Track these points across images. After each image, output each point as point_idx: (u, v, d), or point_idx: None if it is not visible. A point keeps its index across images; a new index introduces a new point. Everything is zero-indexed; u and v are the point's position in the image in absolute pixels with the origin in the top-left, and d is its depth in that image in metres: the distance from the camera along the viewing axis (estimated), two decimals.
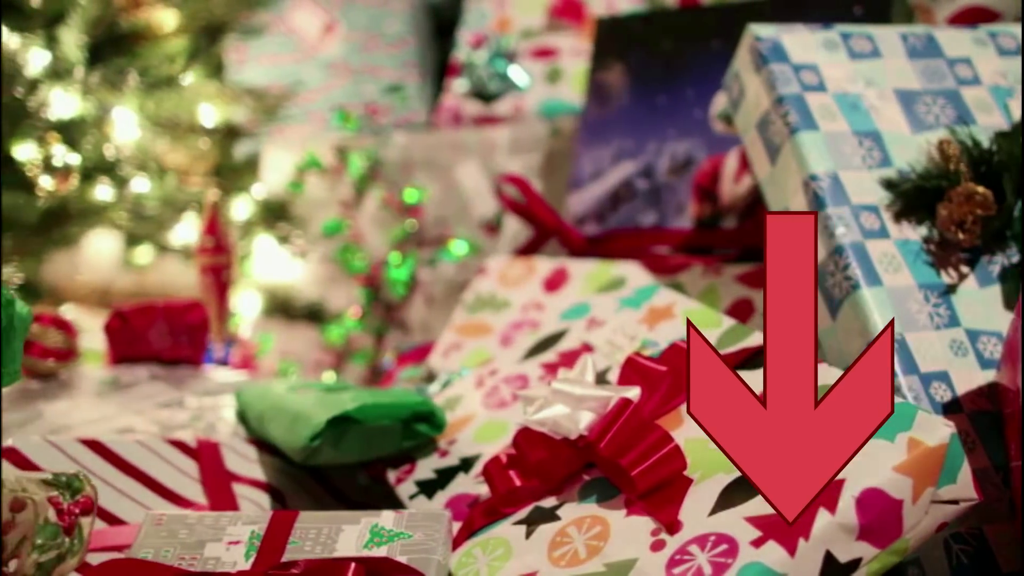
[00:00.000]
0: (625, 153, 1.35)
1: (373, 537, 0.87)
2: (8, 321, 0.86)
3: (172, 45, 1.58)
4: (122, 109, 1.52)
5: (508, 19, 1.70)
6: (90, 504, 0.76)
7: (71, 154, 1.43)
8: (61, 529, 0.75)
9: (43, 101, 1.46)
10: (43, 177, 1.41)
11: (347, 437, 1.01)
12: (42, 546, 0.74)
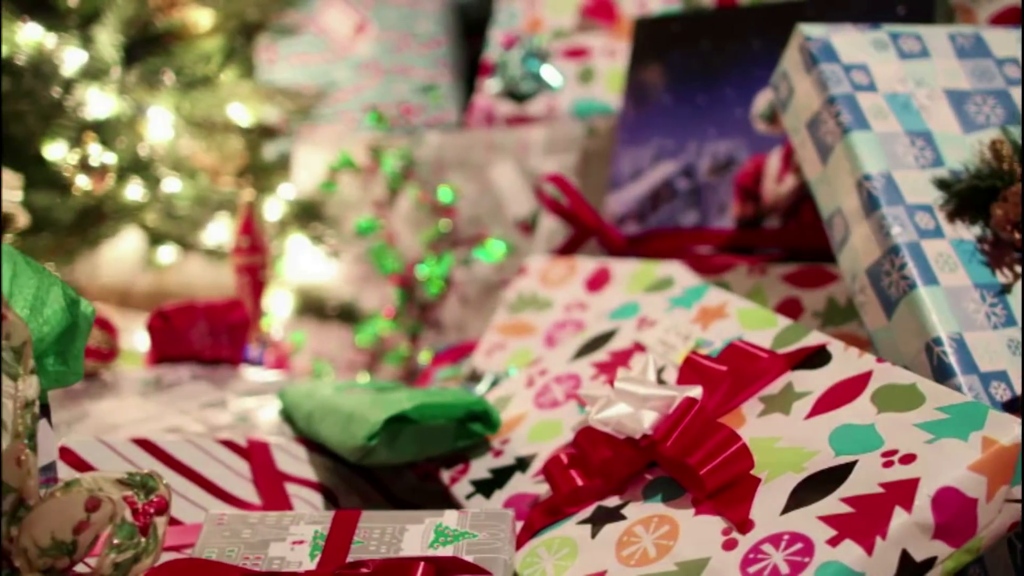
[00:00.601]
0: (665, 153, 1.35)
1: (438, 537, 0.87)
2: (73, 320, 0.86)
3: (207, 45, 1.57)
4: (158, 109, 1.52)
5: (539, 19, 1.70)
6: (164, 504, 0.76)
7: (107, 153, 1.42)
8: (137, 529, 0.75)
9: (79, 101, 1.45)
10: (80, 176, 1.41)
11: (402, 437, 1.01)
12: (119, 546, 0.74)
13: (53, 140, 1.47)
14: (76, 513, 0.75)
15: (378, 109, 1.83)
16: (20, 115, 1.48)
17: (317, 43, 1.91)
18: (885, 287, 0.98)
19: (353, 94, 1.89)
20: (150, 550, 0.75)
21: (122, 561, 0.74)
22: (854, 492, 0.77)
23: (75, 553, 0.76)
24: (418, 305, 1.64)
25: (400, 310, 1.65)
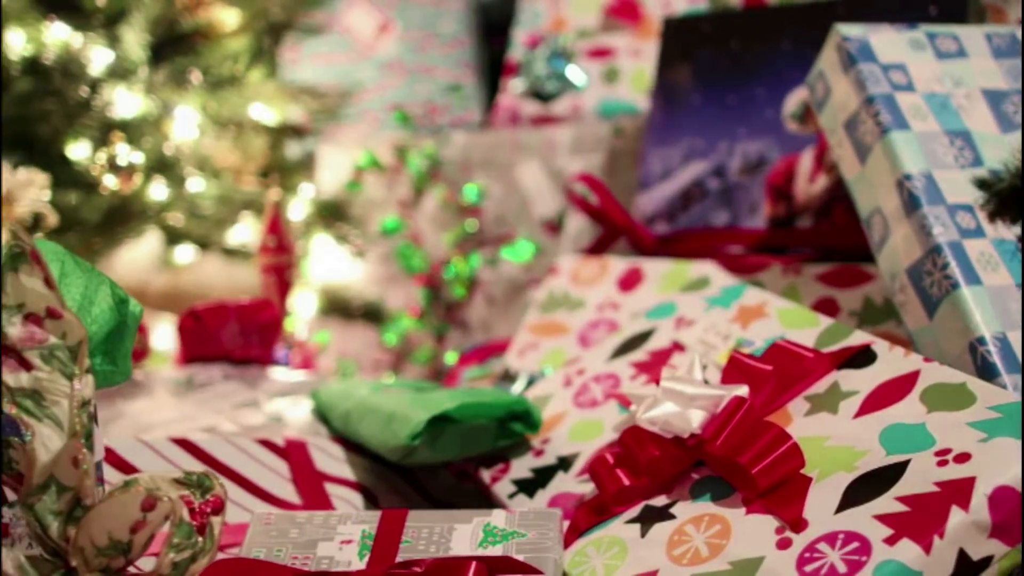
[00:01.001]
0: (695, 153, 1.35)
1: (487, 536, 0.87)
2: (121, 319, 0.86)
3: (233, 44, 1.57)
4: (185, 108, 1.52)
5: (563, 19, 1.70)
6: (220, 503, 0.76)
7: (134, 153, 1.42)
8: (194, 528, 0.75)
9: (107, 100, 1.45)
10: (107, 176, 1.41)
11: (444, 436, 1.01)
12: (178, 545, 0.74)
13: (79, 140, 1.47)
14: (133, 513, 0.75)
15: (403, 109, 1.83)
16: (46, 114, 1.47)
17: (340, 43, 1.91)
18: (927, 287, 0.98)
19: (376, 94, 1.89)
20: (207, 550, 0.75)
21: (180, 561, 0.74)
22: (909, 491, 0.77)
23: (130, 553, 0.76)
24: (444, 305, 1.64)
25: (426, 310, 1.65)
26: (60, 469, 0.75)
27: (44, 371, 0.75)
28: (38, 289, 0.75)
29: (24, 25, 1.39)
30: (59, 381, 0.76)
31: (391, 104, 1.88)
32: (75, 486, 0.76)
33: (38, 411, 0.75)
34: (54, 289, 0.75)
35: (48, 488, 0.76)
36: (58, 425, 0.76)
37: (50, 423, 0.75)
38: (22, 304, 0.76)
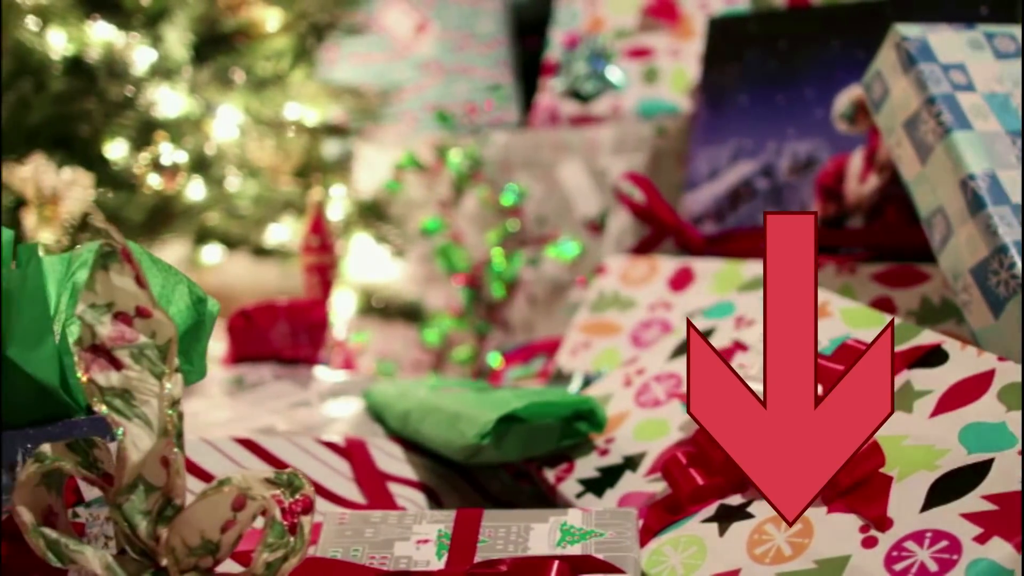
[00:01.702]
0: (743, 152, 1.35)
1: (565, 535, 0.86)
2: (199, 318, 0.86)
3: (276, 44, 1.57)
4: (228, 108, 1.52)
5: (601, 18, 1.70)
6: (309, 503, 0.76)
7: (178, 152, 1.42)
8: (286, 528, 0.74)
9: (150, 100, 1.45)
10: (151, 175, 1.40)
11: (510, 436, 1.01)
12: (271, 545, 0.73)
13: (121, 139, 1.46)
14: (224, 512, 0.74)
15: (444, 108, 1.82)
16: (86, 114, 1.47)
17: (378, 42, 1.90)
18: (992, 286, 0.98)
19: (413, 93, 1.88)
20: (298, 549, 0.74)
21: (273, 560, 0.73)
22: (996, 490, 0.77)
23: (219, 553, 0.76)
24: (485, 305, 1.64)
25: (467, 310, 1.65)
26: (149, 469, 0.75)
27: (134, 370, 0.75)
28: (128, 288, 0.75)
29: (66, 25, 1.39)
30: (148, 380, 0.75)
31: (429, 104, 1.88)
32: (164, 486, 0.75)
33: (127, 410, 0.75)
34: (145, 288, 0.75)
35: (136, 488, 0.76)
36: (148, 424, 0.75)
37: (139, 422, 0.75)
38: (112, 303, 0.75)
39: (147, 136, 1.46)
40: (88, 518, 0.87)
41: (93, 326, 0.75)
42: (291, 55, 1.59)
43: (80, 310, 0.75)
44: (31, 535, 0.75)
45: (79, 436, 0.86)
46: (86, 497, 0.88)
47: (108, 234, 0.74)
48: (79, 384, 0.88)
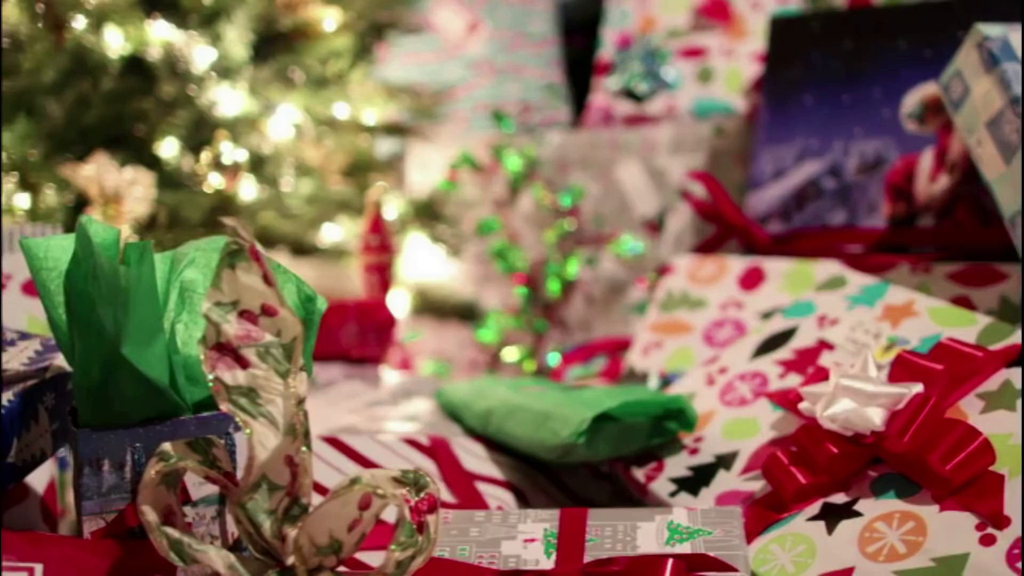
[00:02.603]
0: (809, 152, 1.35)
1: (673, 534, 0.86)
2: (308, 316, 0.86)
3: (335, 43, 1.56)
4: (287, 107, 1.51)
5: (652, 18, 1.70)
6: (434, 502, 0.76)
7: (238, 151, 1.41)
8: (415, 527, 0.74)
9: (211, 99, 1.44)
10: (212, 175, 1.40)
11: (601, 434, 1.00)
12: (403, 544, 0.73)
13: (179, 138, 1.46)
14: (351, 511, 0.74)
15: (500, 108, 1.82)
16: (144, 113, 1.46)
17: (429, 42, 1.90)
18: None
19: (464, 93, 1.88)
20: (425, 548, 0.74)
21: (404, 559, 0.73)
22: None
23: (341, 552, 0.76)
24: (541, 304, 1.64)
25: (523, 309, 1.65)
26: (273, 468, 0.75)
27: (260, 369, 0.75)
28: (255, 286, 0.75)
29: (124, 23, 1.38)
30: (274, 379, 0.75)
31: (480, 104, 1.87)
32: (287, 485, 0.75)
33: (253, 409, 0.75)
34: (272, 286, 0.75)
35: (260, 487, 0.75)
36: (273, 423, 0.75)
37: (265, 421, 0.75)
38: (237, 301, 0.75)
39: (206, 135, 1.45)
40: (195, 517, 0.87)
41: (219, 324, 0.74)
42: (350, 54, 1.58)
43: (206, 308, 0.74)
44: (155, 535, 0.75)
45: (186, 435, 0.86)
46: (193, 496, 0.88)
47: (236, 232, 0.74)
48: (186, 383, 0.88)
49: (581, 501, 1.11)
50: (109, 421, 0.83)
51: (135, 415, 0.84)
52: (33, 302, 1.15)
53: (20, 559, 0.77)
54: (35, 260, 0.87)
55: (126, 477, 0.84)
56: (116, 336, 0.80)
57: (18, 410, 0.90)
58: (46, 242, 0.87)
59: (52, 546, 0.79)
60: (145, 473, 0.75)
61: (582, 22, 1.88)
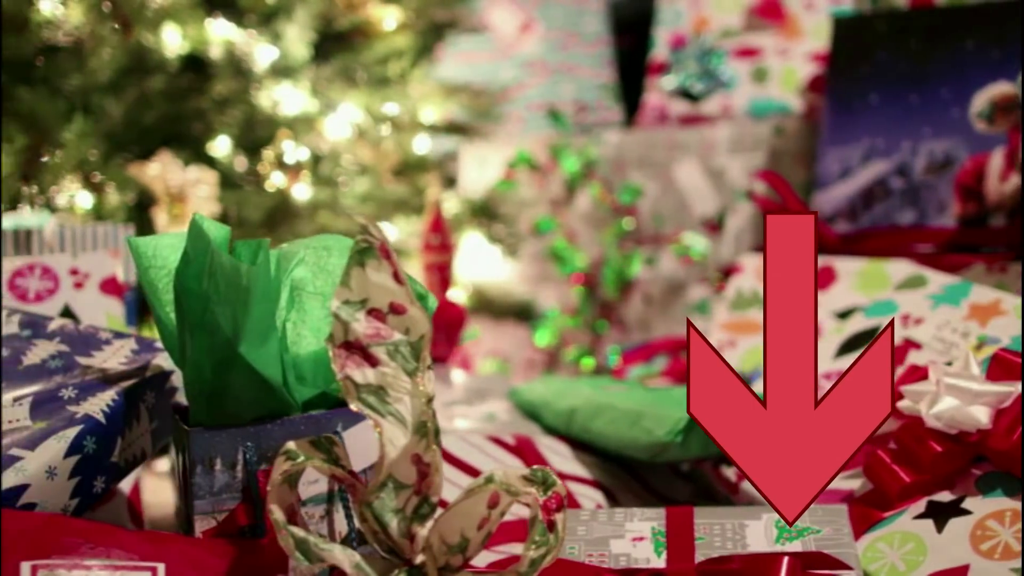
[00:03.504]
0: (876, 152, 1.36)
1: (782, 532, 0.86)
2: None
3: (396, 42, 1.56)
4: (348, 106, 1.51)
5: (705, 18, 1.70)
6: (561, 500, 0.76)
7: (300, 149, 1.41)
8: (546, 525, 0.74)
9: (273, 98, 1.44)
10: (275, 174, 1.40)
11: (692, 433, 1.00)
12: (537, 542, 0.73)
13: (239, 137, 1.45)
14: (481, 510, 0.74)
15: (555, 108, 1.81)
16: (201, 112, 1.46)
17: (483, 41, 1.89)
18: None
19: (517, 92, 1.88)
20: (554, 546, 0.74)
21: (537, 558, 0.73)
22: None
23: (467, 551, 0.76)
24: (599, 304, 1.64)
25: (581, 308, 1.65)
26: (399, 466, 0.75)
27: (389, 367, 0.75)
28: (385, 284, 0.75)
29: (185, 22, 1.38)
30: (401, 377, 0.75)
31: (533, 103, 1.87)
32: (414, 483, 0.75)
33: (381, 407, 0.75)
34: (403, 284, 0.75)
35: (386, 486, 0.75)
36: (401, 422, 0.75)
37: (393, 420, 0.75)
38: (366, 299, 0.75)
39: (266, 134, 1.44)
40: (304, 517, 0.86)
41: (348, 323, 0.74)
42: (412, 53, 1.58)
43: (335, 307, 0.74)
44: (282, 534, 0.74)
45: (296, 434, 0.86)
46: (302, 496, 0.87)
47: (366, 230, 0.74)
48: (295, 382, 0.88)
49: (665, 500, 1.11)
50: (221, 420, 0.83)
51: (247, 414, 0.84)
52: (111, 301, 1.15)
53: (143, 558, 0.76)
54: (143, 259, 0.86)
55: (237, 476, 0.84)
56: (234, 335, 0.79)
57: (121, 409, 0.89)
58: (154, 240, 0.87)
59: (172, 545, 0.79)
60: (273, 472, 0.75)
61: (629, 22, 1.88)
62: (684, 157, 1.59)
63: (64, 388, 0.90)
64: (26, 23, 1.24)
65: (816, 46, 1.60)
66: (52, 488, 0.84)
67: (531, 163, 1.69)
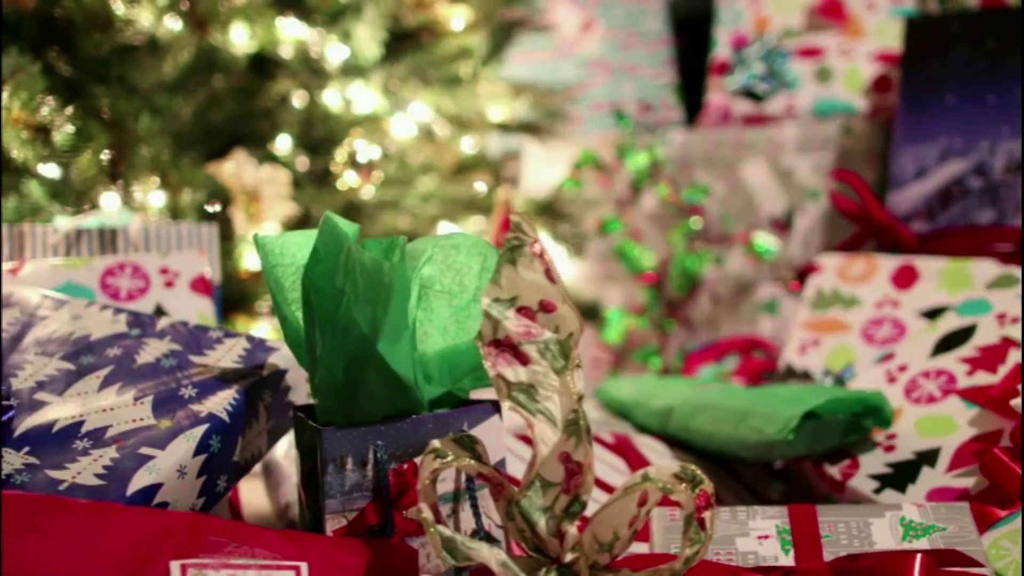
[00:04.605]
0: (953, 151, 1.36)
1: (908, 530, 0.87)
2: None
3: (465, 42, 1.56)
4: (419, 105, 1.50)
5: (766, 18, 1.71)
6: (708, 498, 0.75)
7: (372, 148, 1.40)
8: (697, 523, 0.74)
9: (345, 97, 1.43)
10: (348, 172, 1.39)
11: (801, 432, 1.00)
12: (692, 540, 0.73)
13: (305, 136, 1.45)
14: (633, 508, 0.74)
15: (620, 107, 1.81)
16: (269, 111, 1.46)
17: (544, 41, 1.89)
18: None
19: (580, 92, 1.87)
20: (705, 543, 0.74)
21: (691, 555, 0.73)
22: None
23: (614, 549, 0.75)
24: (666, 303, 1.64)
25: (649, 308, 1.64)
26: (547, 465, 0.75)
27: (540, 365, 0.75)
28: (536, 281, 0.75)
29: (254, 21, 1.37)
30: (551, 376, 0.75)
31: (594, 103, 1.87)
32: (561, 482, 0.75)
33: (531, 406, 0.75)
34: (556, 282, 0.75)
35: (533, 484, 0.75)
36: (551, 420, 0.75)
37: (543, 418, 0.75)
38: (516, 297, 0.75)
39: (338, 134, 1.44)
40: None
41: (499, 321, 0.74)
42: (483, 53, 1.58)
43: (486, 304, 0.74)
44: (431, 533, 0.74)
45: (425, 432, 0.85)
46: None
47: (520, 227, 0.74)
48: (423, 380, 0.87)
49: (760, 498, 1.12)
50: (353, 419, 0.83)
51: (378, 413, 0.83)
52: (201, 300, 1.15)
53: (286, 557, 0.76)
54: (270, 256, 0.86)
55: (368, 475, 0.83)
56: (371, 333, 0.79)
57: (242, 408, 0.89)
58: (281, 239, 0.87)
59: (312, 545, 0.78)
60: (423, 471, 0.75)
61: (683, 22, 1.88)
62: (751, 156, 1.59)
63: (183, 387, 0.90)
64: (109, 21, 1.24)
65: (879, 46, 1.60)
66: (182, 487, 0.83)
67: (597, 162, 1.69)
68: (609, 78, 1.88)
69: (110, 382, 0.91)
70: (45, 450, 0.83)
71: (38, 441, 0.84)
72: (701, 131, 1.68)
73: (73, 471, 0.81)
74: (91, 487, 0.79)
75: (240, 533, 0.77)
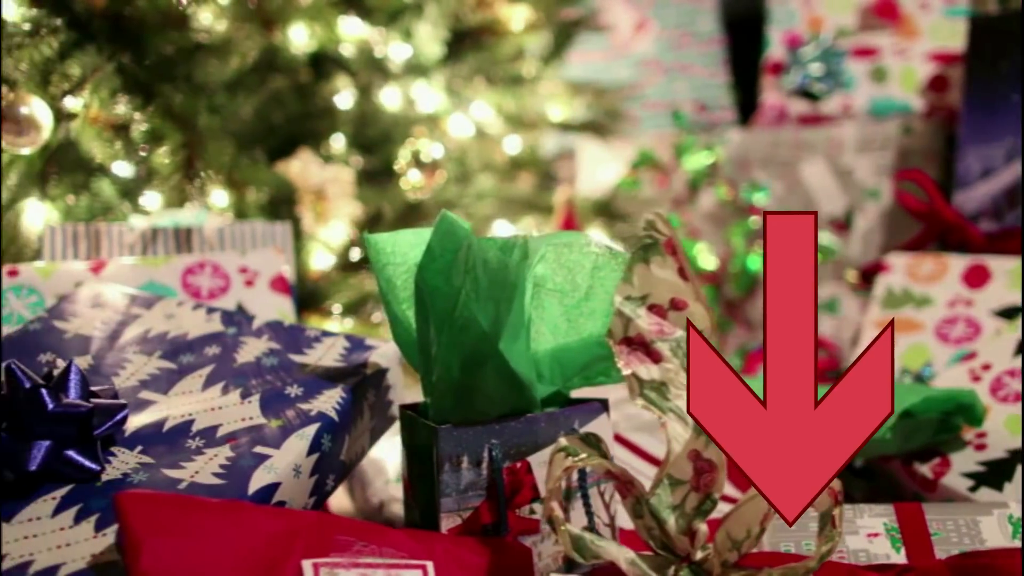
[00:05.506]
0: (1019, 151, 1.36)
1: (1017, 529, 0.87)
2: None
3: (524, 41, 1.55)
4: (481, 104, 1.50)
5: (819, 18, 1.71)
6: (837, 495, 0.75)
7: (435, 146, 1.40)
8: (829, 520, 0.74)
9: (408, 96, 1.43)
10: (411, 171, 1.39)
11: (896, 430, 1.01)
12: (827, 536, 0.73)
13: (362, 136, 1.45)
14: (765, 505, 0.74)
15: (677, 107, 1.81)
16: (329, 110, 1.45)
17: (598, 41, 1.89)
18: None
19: (634, 91, 1.87)
20: (837, 540, 0.74)
21: (826, 552, 0.73)
22: None
23: (742, 547, 0.76)
24: (724, 302, 1.64)
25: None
26: (676, 463, 0.75)
27: (672, 363, 0.75)
28: (668, 279, 0.75)
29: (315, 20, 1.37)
30: (681, 374, 0.75)
31: (649, 103, 1.87)
32: (689, 479, 0.75)
33: (662, 404, 0.75)
34: (689, 280, 0.75)
35: (661, 482, 0.75)
36: (682, 419, 0.75)
37: (674, 416, 0.75)
38: (647, 295, 0.75)
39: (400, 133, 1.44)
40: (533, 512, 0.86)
41: (630, 319, 0.74)
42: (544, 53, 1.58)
43: (618, 303, 0.74)
44: (561, 532, 0.74)
45: (538, 431, 0.85)
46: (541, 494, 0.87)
47: (653, 225, 0.74)
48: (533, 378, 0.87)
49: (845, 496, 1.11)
50: (468, 418, 0.83)
51: (494, 412, 0.83)
52: (281, 298, 1.15)
53: (412, 556, 0.76)
54: (381, 255, 0.86)
55: (482, 474, 0.83)
56: (492, 331, 0.79)
57: (349, 407, 0.89)
58: (393, 237, 0.87)
59: (436, 544, 0.78)
60: (554, 470, 0.75)
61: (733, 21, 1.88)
62: (810, 156, 1.59)
63: (288, 385, 0.89)
64: (184, 20, 1.23)
65: (934, 46, 1.61)
66: (297, 486, 0.83)
67: (654, 162, 1.69)
68: (663, 78, 1.88)
69: (213, 381, 0.91)
70: (158, 449, 0.83)
71: (150, 440, 0.84)
72: (758, 131, 1.68)
73: (190, 470, 0.81)
74: (211, 486, 0.79)
75: (366, 532, 0.77)
